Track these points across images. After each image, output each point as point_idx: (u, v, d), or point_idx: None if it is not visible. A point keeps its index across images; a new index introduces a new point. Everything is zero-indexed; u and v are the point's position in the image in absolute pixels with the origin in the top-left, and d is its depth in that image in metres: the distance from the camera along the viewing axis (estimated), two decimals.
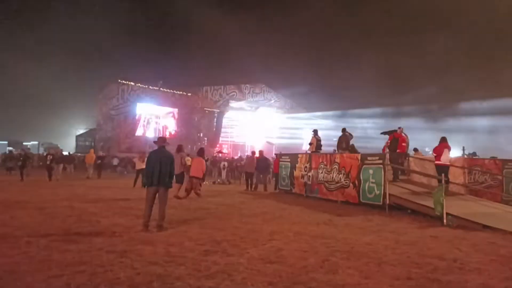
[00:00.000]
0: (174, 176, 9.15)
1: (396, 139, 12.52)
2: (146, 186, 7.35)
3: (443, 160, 10.74)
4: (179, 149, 12.72)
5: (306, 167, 13.78)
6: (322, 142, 15.61)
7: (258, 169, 16.75)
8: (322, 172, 12.78)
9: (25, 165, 19.05)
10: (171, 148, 9.29)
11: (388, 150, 12.23)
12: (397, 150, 12.09)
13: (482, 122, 32.27)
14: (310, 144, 15.71)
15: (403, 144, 12.38)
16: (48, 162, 18.73)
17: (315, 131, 15.85)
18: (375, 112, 38.01)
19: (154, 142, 7.90)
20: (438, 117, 34.81)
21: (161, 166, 7.13)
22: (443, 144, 10.94)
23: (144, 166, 16.13)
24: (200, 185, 13.39)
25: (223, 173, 22.40)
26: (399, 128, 13.01)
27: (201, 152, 13.45)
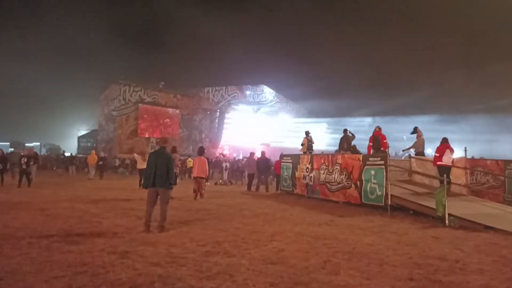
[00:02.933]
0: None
1: (376, 138, 12.64)
2: (145, 187, 7.38)
3: (445, 160, 10.72)
4: (174, 150, 12.63)
5: (307, 168, 13.77)
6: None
7: (260, 170, 16.77)
8: (323, 173, 12.77)
9: (6, 169, 16.91)
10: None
11: (373, 150, 12.39)
12: (381, 148, 12.22)
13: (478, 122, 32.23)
14: (302, 145, 15.97)
15: (385, 141, 12.56)
16: (23, 166, 15.61)
17: (307, 132, 16.36)
18: (378, 112, 38.07)
19: (157, 142, 7.91)
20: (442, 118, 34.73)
21: (157, 167, 7.15)
22: (445, 145, 10.92)
23: (144, 166, 16.20)
24: (205, 185, 13.34)
25: (225, 174, 22.42)
26: (378, 127, 13.21)
27: (201, 151, 13.41)
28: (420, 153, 13.29)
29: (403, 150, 16.05)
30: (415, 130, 13.37)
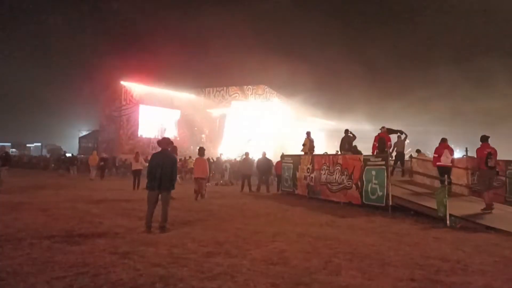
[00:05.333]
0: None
1: (382, 138, 12.67)
2: (148, 189, 7.32)
3: (443, 161, 10.69)
4: (174, 151, 12.54)
5: (308, 168, 13.76)
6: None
7: (260, 170, 16.77)
8: (324, 173, 12.76)
9: None
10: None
11: (377, 151, 12.43)
12: (385, 149, 12.31)
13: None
14: (303, 145, 15.97)
15: (389, 143, 12.70)
16: None
17: (308, 133, 16.38)
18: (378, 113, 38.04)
19: (158, 143, 7.79)
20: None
21: (163, 170, 7.10)
22: (443, 145, 10.89)
23: (139, 167, 16.08)
24: (206, 185, 13.31)
25: (226, 174, 22.42)
26: (383, 127, 13.23)
27: (202, 152, 13.39)
28: (400, 153, 13.35)
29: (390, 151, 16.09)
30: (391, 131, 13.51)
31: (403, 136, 13.66)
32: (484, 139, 9.82)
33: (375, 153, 12.46)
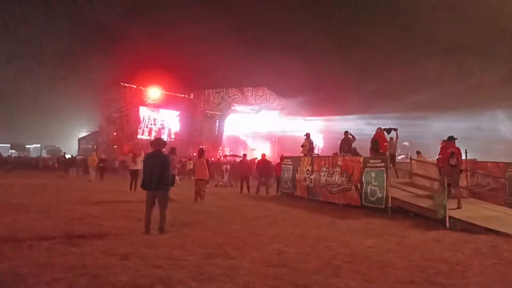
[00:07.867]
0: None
1: (376, 140, 12.65)
2: (142, 188, 7.35)
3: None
4: (172, 151, 12.47)
5: (308, 170, 13.76)
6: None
7: (260, 172, 16.77)
8: (324, 175, 12.76)
9: None
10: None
11: (372, 152, 12.42)
12: (380, 150, 12.29)
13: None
14: (302, 146, 15.97)
15: (385, 144, 12.66)
16: None
17: (308, 134, 16.37)
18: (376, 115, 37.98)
19: (150, 144, 7.86)
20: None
21: (152, 170, 7.15)
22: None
23: (136, 167, 16.04)
24: (205, 187, 13.28)
25: (225, 176, 22.41)
26: (379, 128, 13.16)
27: (201, 153, 13.37)
28: (391, 155, 13.33)
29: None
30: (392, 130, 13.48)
31: (394, 137, 13.63)
32: (451, 139, 10.29)
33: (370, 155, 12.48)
